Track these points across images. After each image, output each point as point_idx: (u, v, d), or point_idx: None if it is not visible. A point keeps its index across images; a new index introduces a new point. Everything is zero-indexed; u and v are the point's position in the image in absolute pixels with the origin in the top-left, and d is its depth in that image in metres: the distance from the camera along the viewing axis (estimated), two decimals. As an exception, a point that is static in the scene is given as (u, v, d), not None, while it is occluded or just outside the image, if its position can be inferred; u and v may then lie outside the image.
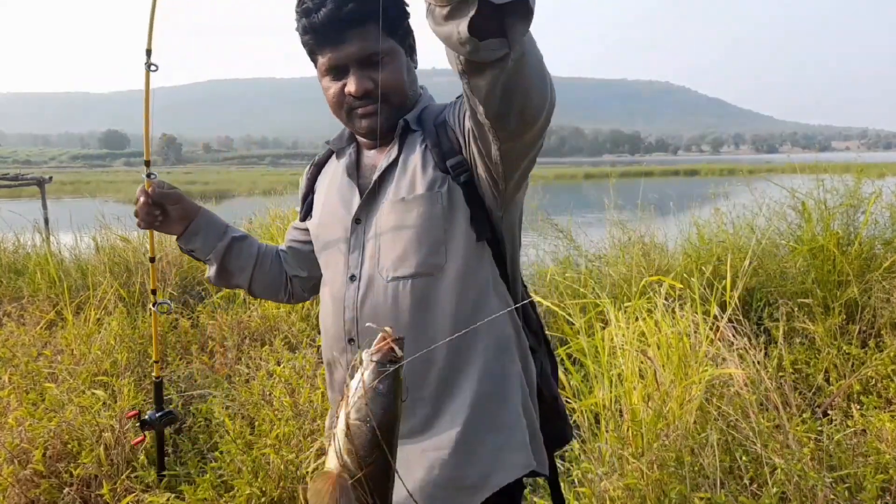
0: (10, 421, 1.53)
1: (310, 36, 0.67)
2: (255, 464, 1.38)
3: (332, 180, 0.78)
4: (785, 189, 2.70)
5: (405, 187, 0.69)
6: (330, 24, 0.65)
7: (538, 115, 0.56)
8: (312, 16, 0.65)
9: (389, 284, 0.67)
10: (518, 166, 0.62)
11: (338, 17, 0.64)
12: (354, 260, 0.70)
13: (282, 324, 2.34)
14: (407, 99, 0.71)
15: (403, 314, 0.66)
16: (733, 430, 1.48)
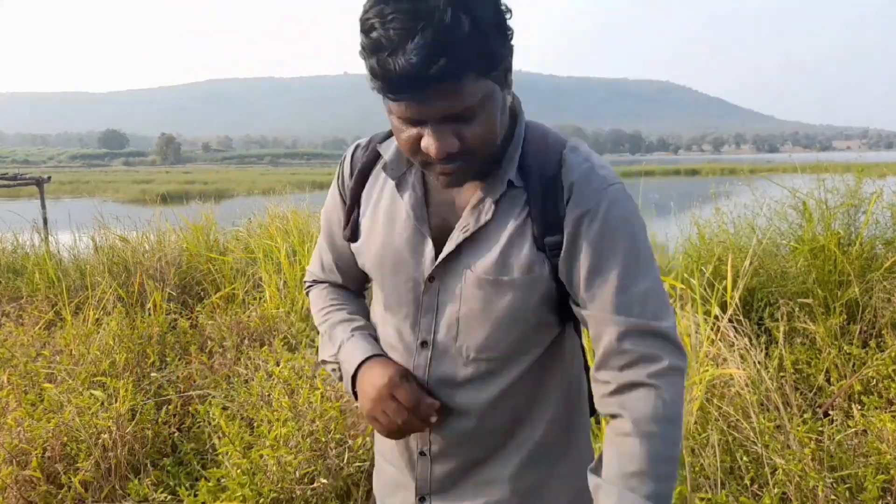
0: (9, 421, 1.52)
1: (379, 81, 0.49)
2: (252, 465, 1.38)
3: (389, 210, 0.63)
4: (786, 189, 2.69)
5: (496, 263, 0.57)
6: (409, 81, 0.48)
7: None
8: (385, 61, 0.48)
9: (471, 363, 0.60)
10: None
11: (422, 76, 0.47)
12: (427, 324, 0.61)
13: (281, 324, 2.33)
14: (497, 143, 0.56)
15: (481, 393, 0.61)
16: (734, 431, 1.47)
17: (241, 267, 3.03)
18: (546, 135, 0.60)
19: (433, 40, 0.46)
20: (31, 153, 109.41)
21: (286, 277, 2.63)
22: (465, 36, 0.47)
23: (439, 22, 0.46)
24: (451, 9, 0.46)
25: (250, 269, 2.96)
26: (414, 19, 0.46)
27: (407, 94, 0.50)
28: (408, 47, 0.46)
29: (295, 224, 3.27)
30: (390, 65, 0.48)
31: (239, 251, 3.20)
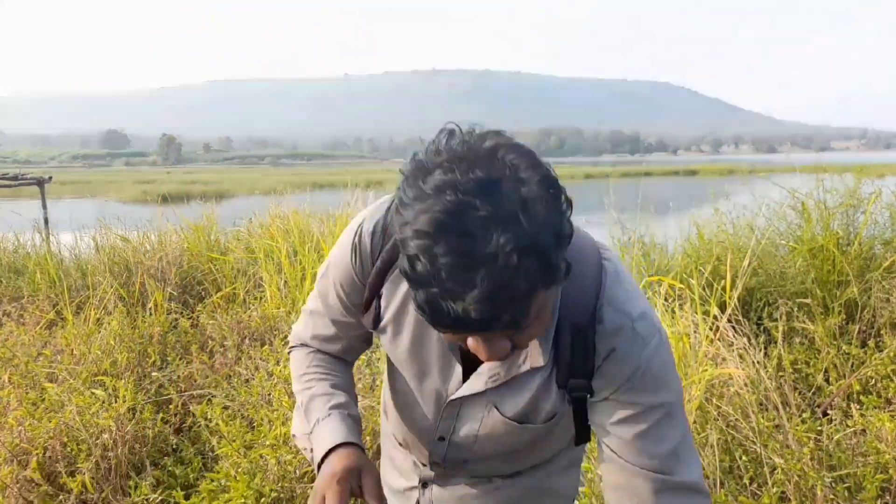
0: (10, 421, 1.53)
1: (428, 317, 0.43)
2: (253, 465, 1.38)
3: (419, 324, 0.59)
4: (785, 189, 2.70)
5: (521, 411, 0.57)
6: (465, 328, 0.43)
7: None
8: (438, 304, 0.41)
9: (482, 461, 0.63)
10: None
11: (482, 328, 0.42)
12: (446, 428, 0.61)
13: (282, 324, 2.34)
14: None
15: (494, 470, 0.65)
16: (733, 430, 1.48)
17: (242, 267, 3.03)
18: (581, 286, 0.53)
19: (495, 293, 0.39)
20: (33, 153, 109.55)
21: (287, 277, 2.63)
22: (531, 279, 0.40)
23: (502, 271, 0.39)
24: (515, 253, 0.39)
25: (251, 269, 2.96)
26: (470, 266, 0.39)
27: (459, 334, 0.45)
28: (465, 296, 0.40)
29: (296, 224, 3.28)
30: (443, 308, 0.41)
31: (240, 251, 3.21)
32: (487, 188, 0.40)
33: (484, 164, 0.41)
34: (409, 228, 0.41)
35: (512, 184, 0.41)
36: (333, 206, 3.70)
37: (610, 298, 0.53)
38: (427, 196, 0.41)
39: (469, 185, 0.40)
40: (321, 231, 3.09)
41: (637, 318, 0.53)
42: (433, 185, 0.41)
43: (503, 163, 0.42)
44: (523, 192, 0.41)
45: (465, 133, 0.44)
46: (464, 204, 0.40)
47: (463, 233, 0.39)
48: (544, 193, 0.41)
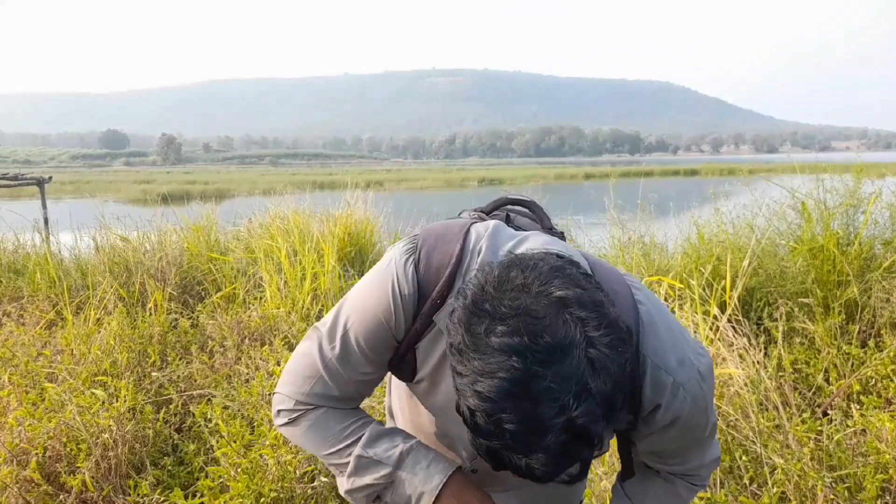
0: (10, 421, 1.53)
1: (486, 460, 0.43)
2: (253, 464, 1.38)
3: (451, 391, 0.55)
4: (785, 189, 2.69)
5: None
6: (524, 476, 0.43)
7: None
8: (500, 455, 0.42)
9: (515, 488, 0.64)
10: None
11: (543, 481, 0.42)
12: (478, 464, 0.61)
13: (281, 324, 2.34)
14: None
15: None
16: (733, 430, 1.48)
17: (242, 267, 3.03)
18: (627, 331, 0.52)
19: (560, 457, 0.40)
20: (32, 153, 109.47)
21: (287, 277, 2.63)
22: (599, 441, 0.40)
23: (569, 439, 0.39)
24: (583, 419, 0.38)
25: (251, 269, 2.96)
26: (537, 431, 0.39)
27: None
28: (530, 456, 0.40)
29: (295, 224, 3.28)
30: (505, 459, 0.41)
31: (240, 251, 3.21)
32: (556, 357, 0.39)
33: (551, 327, 0.39)
34: (469, 387, 0.40)
35: (581, 349, 0.39)
36: (333, 206, 3.70)
37: (650, 352, 0.53)
38: (490, 354, 0.39)
39: (537, 354, 0.39)
40: (321, 231, 3.09)
41: (676, 366, 0.53)
42: (498, 346, 0.39)
43: (572, 321, 0.40)
44: (592, 355, 0.39)
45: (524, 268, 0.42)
46: (531, 373, 0.38)
47: (530, 401, 0.38)
48: (612, 353, 0.40)
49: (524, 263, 0.44)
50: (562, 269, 0.43)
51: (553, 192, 4.12)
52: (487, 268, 0.44)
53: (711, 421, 0.59)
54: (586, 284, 0.43)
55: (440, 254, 0.57)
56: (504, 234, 0.57)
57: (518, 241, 0.56)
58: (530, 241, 0.56)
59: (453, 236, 0.57)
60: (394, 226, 3.82)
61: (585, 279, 0.44)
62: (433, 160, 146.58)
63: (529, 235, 0.57)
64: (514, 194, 0.70)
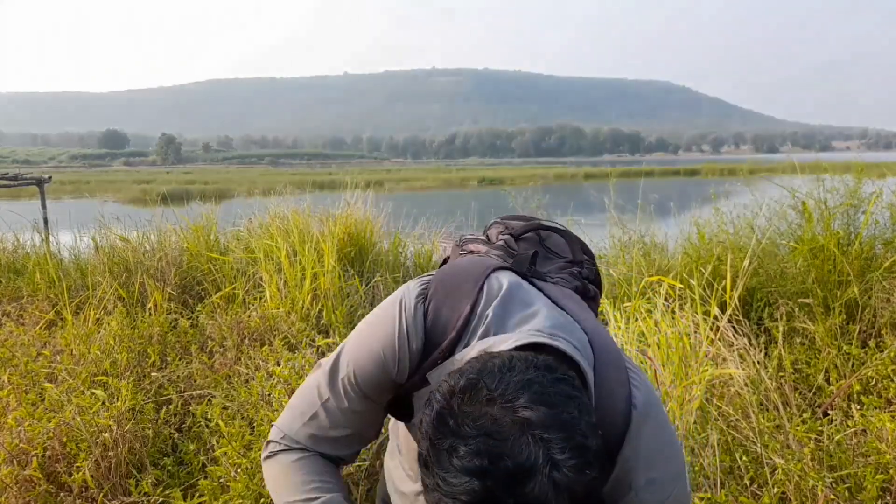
0: (10, 421, 1.52)
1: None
2: (253, 465, 1.38)
3: None
4: (785, 189, 2.69)
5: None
6: None
7: None
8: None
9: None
10: None
11: None
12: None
13: (281, 324, 2.33)
14: None
15: None
16: (733, 430, 1.48)
17: (242, 267, 3.03)
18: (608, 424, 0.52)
19: None
20: (32, 153, 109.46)
21: (286, 277, 2.63)
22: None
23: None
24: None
25: (251, 269, 2.96)
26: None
27: None
28: None
29: (295, 224, 3.27)
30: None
31: (239, 251, 3.20)
32: (517, 480, 0.39)
33: (513, 449, 0.39)
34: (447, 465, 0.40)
35: (545, 473, 0.39)
36: (333, 206, 3.69)
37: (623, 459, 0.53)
38: (453, 474, 0.40)
39: (499, 477, 0.38)
40: (321, 231, 3.09)
41: (644, 486, 0.53)
42: (460, 467, 0.39)
43: (535, 443, 0.39)
44: (556, 478, 0.39)
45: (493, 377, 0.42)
46: (493, 497, 0.39)
47: None
48: (577, 475, 0.40)
49: (493, 374, 0.42)
50: (532, 383, 0.42)
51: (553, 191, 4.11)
52: (456, 377, 0.43)
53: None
54: (557, 400, 0.42)
55: (449, 310, 0.56)
56: (516, 300, 0.56)
57: (524, 316, 0.54)
58: (537, 320, 0.54)
59: (466, 292, 0.56)
60: (394, 226, 3.81)
61: (560, 393, 0.42)
62: (433, 160, 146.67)
63: (538, 312, 0.55)
64: (548, 221, 0.71)
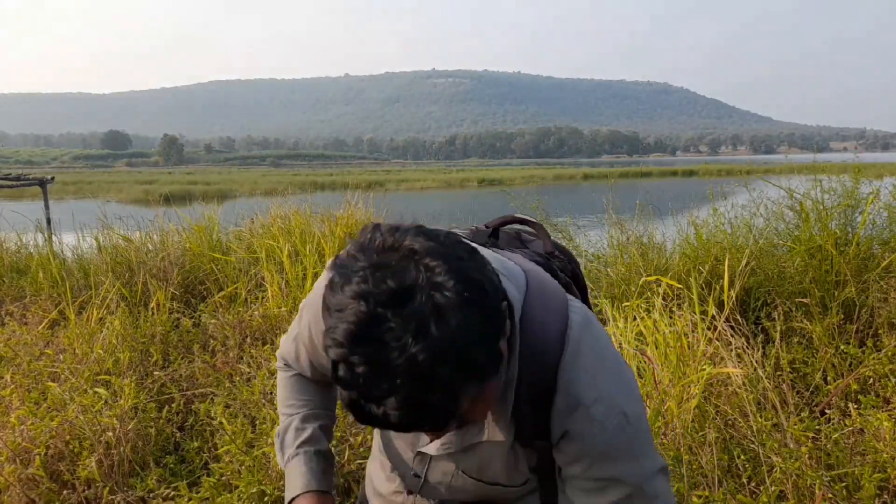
0: (13, 420, 1.54)
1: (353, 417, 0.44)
2: (255, 463, 1.39)
3: None
4: (783, 189, 2.70)
5: (488, 471, 0.59)
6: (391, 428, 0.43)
7: None
8: (360, 405, 0.42)
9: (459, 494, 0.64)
10: None
11: (404, 428, 0.43)
12: (420, 467, 0.64)
13: (283, 323, 2.35)
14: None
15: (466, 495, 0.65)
16: (731, 429, 1.48)
17: (244, 266, 3.04)
18: (543, 348, 0.52)
19: (412, 402, 0.40)
20: (35, 154, 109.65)
21: (288, 277, 2.64)
22: (448, 384, 0.40)
23: (416, 381, 0.39)
24: (428, 363, 0.39)
25: (252, 269, 2.97)
26: (385, 375, 0.39)
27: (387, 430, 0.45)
28: (384, 402, 0.40)
29: (297, 224, 3.29)
30: (365, 409, 0.41)
31: (241, 251, 3.22)
32: (399, 298, 0.40)
33: (398, 272, 0.41)
34: (329, 336, 0.41)
35: (425, 292, 0.40)
36: (334, 207, 3.71)
37: (566, 382, 0.52)
38: (345, 305, 0.41)
39: (381, 296, 0.40)
40: (322, 231, 3.10)
41: (593, 402, 0.52)
42: (350, 294, 0.41)
43: (418, 268, 0.41)
44: (437, 300, 0.40)
45: (389, 232, 0.43)
46: (375, 316, 0.40)
47: (376, 343, 0.39)
48: (460, 299, 0.40)
49: (391, 227, 0.44)
50: (428, 231, 0.43)
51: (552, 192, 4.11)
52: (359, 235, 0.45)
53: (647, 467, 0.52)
54: (450, 244, 0.43)
55: None
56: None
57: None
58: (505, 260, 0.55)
59: None
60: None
61: (454, 243, 0.43)
62: (433, 161, 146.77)
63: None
64: (522, 214, 0.71)
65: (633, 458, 0.52)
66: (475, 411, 0.47)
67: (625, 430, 0.52)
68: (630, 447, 0.52)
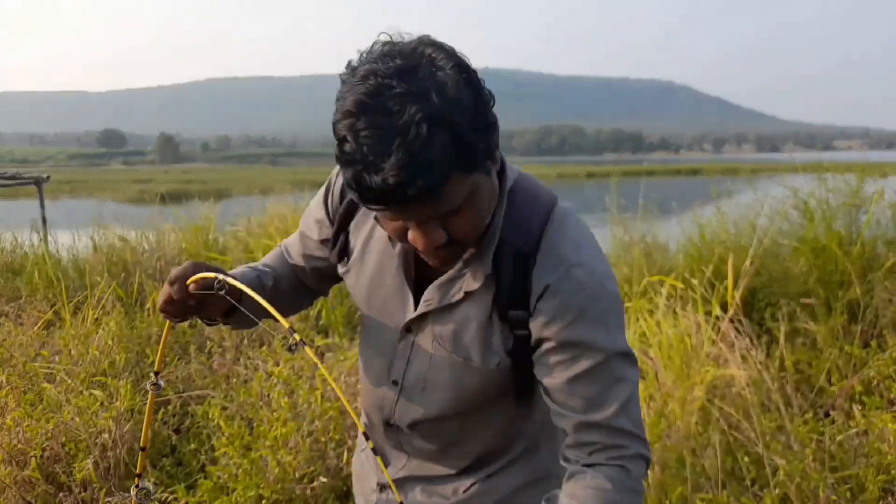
0: (8, 422, 1.52)
1: (357, 194, 0.48)
2: (252, 465, 1.37)
3: (381, 254, 0.63)
4: (787, 188, 2.69)
5: (463, 343, 0.59)
6: (388, 198, 0.46)
7: None
8: (361, 176, 0.46)
9: (434, 411, 0.62)
10: None
11: (401, 195, 0.46)
12: (399, 367, 0.63)
13: (281, 324, 2.32)
14: (483, 229, 0.55)
15: (444, 432, 0.64)
16: (735, 431, 1.47)
17: (241, 267, 3.02)
18: (530, 212, 0.57)
19: (409, 160, 0.44)
20: (30, 153, 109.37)
21: (286, 277, 2.62)
22: (444, 147, 0.45)
23: (414, 139, 0.44)
24: (426, 124, 0.44)
25: (250, 269, 2.95)
26: (387, 137, 0.44)
27: (386, 208, 0.48)
28: (383, 166, 0.44)
29: (294, 223, 3.27)
30: (366, 181, 0.45)
31: (238, 251, 3.20)
32: (405, 71, 0.46)
33: (404, 55, 0.47)
34: (338, 112, 0.47)
35: (427, 69, 0.46)
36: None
37: (549, 242, 0.56)
38: (354, 84, 0.46)
39: (389, 70, 0.46)
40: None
41: (575, 264, 0.55)
42: (360, 75, 0.47)
43: (422, 54, 0.47)
44: (438, 76, 0.46)
45: (396, 36, 0.49)
46: (383, 85, 0.45)
47: (381, 109, 0.45)
48: (458, 78, 0.46)
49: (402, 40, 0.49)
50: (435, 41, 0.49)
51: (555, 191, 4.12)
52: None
53: (615, 343, 0.54)
54: (452, 49, 0.48)
55: None
56: None
57: None
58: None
59: None
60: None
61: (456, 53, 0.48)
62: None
63: None
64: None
65: (606, 328, 0.54)
66: (464, 215, 0.50)
67: (601, 299, 0.54)
68: (605, 317, 0.55)
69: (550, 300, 0.54)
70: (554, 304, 0.54)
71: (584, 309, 0.53)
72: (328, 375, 0.53)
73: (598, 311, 0.54)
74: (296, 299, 0.72)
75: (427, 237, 0.51)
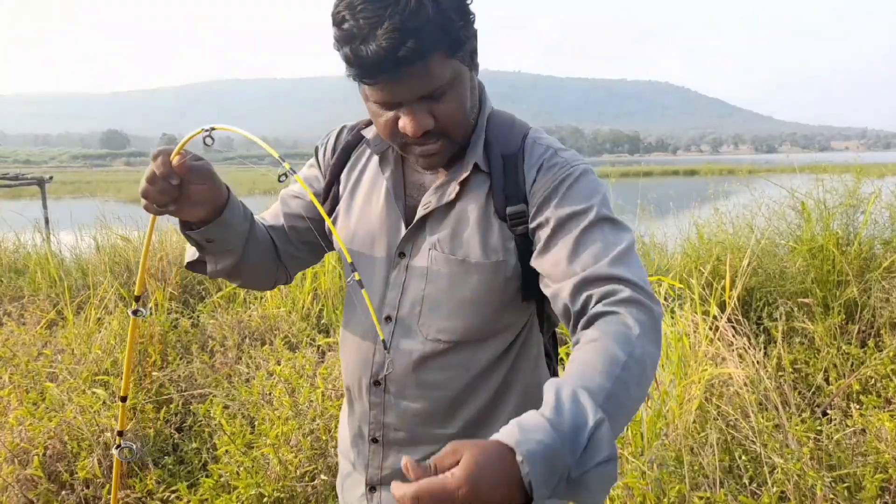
0: (11, 420, 1.53)
1: (354, 68, 0.54)
2: (254, 464, 1.38)
3: (369, 188, 0.67)
4: (784, 189, 2.70)
5: (462, 244, 0.60)
6: (381, 64, 0.52)
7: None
8: (358, 49, 0.52)
9: (429, 343, 0.61)
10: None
11: (393, 58, 0.51)
12: (392, 299, 0.63)
13: (282, 323, 2.34)
14: (470, 121, 0.60)
15: (438, 374, 0.62)
16: (733, 430, 1.48)
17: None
18: (512, 123, 0.64)
19: (400, 25, 0.51)
20: (33, 153, 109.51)
21: (287, 277, 2.63)
22: (430, 19, 0.51)
23: (405, 8, 0.51)
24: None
25: (251, 269, 2.96)
26: (381, 7, 0.51)
27: (380, 77, 0.53)
28: (377, 33, 0.51)
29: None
30: (363, 52, 0.52)
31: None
32: None
33: None
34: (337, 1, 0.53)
35: None
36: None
37: (535, 138, 0.63)
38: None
39: None
40: (321, 231, 3.08)
41: (559, 149, 0.62)
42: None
43: None
44: None
45: None
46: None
47: None
48: None
49: None
50: None
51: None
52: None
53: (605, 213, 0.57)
54: None
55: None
56: None
57: None
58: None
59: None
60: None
61: None
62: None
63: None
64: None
65: (596, 199, 0.58)
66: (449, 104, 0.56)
67: (587, 176, 0.60)
68: (593, 192, 0.59)
69: (542, 178, 0.60)
70: (546, 180, 0.59)
71: (572, 185, 0.59)
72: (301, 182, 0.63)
73: (586, 186, 0.59)
74: (264, 253, 0.72)
75: (416, 120, 0.56)
